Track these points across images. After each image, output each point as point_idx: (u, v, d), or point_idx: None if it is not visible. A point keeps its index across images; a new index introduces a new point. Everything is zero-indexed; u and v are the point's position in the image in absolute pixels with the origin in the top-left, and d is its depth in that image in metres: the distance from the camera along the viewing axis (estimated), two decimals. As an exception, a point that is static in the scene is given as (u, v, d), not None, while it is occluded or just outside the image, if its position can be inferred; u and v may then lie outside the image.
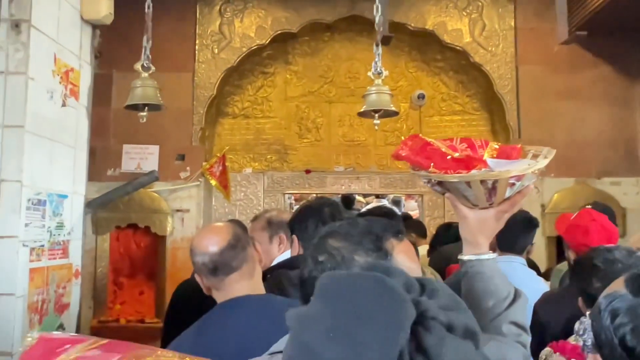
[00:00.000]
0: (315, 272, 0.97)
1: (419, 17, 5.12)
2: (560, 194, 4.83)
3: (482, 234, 1.22)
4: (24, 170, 2.09)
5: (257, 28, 5.15)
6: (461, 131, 5.44)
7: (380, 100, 2.72)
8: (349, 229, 1.01)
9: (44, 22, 2.21)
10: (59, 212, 2.32)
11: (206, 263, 1.55)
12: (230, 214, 5.39)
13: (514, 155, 1.25)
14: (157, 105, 2.47)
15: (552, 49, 4.98)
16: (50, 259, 2.26)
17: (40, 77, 2.19)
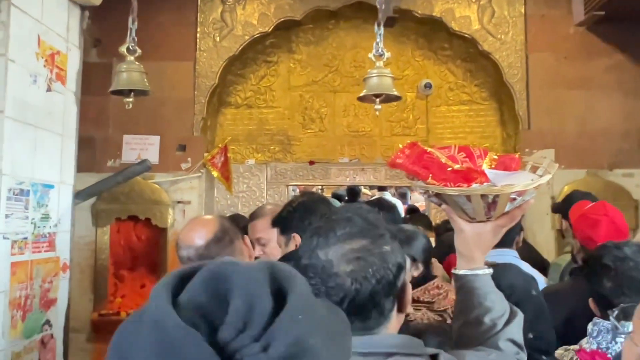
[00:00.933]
0: None
1: (426, 3, 4.96)
2: (571, 186, 4.67)
3: (479, 248, 1.17)
4: (4, 158, 1.98)
5: (259, 15, 5.03)
6: (469, 121, 5.30)
7: (381, 84, 2.57)
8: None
9: (26, 1, 2.09)
10: (44, 202, 2.21)
11: (192, 257, 1.51)
12: (233, 205, 5.29)
13: (513, 166, 1.20)
14: (143, 91, 2.34)
15: (563, 36, 4.82)
16: (34, 252, 2.16)
17: (21, 59, 2.08)
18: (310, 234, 1.01)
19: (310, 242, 0.99)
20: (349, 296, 0.92)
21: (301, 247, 1.02)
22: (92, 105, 4.65)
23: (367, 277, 0.93)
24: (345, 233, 0.97)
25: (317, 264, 0.95)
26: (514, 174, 1.16)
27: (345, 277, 0.93)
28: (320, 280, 0.94)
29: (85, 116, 4.79)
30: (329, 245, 0.96)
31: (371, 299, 0.93)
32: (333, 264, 0.94)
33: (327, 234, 0.98)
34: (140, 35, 4.79)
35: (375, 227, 1.00)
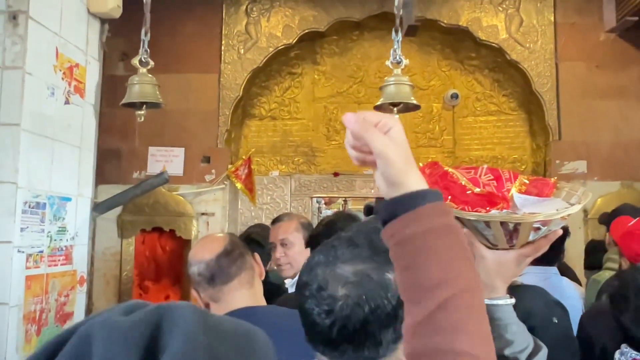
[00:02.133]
0: None
1: (452, 13, 4.88)
2: (605, 199, 4.51)
3: (500, 277, 1.09)
4: (20, 171, 1.98)
5: (284, 27, 5.02)
6: (497, 132, 5.18)
7: (399, 92, 2.49)
8: None
9: (44, 14, 2.10)
10: (60, 215, 2.20)
11: (202, 272, 1.47)
12: (257, 217, 5.27)
13: (546, 191, 1.12)
14: (156, 104, 2.32)
15: (594, 44, 4.68)
16: (50, 265, 2.15)
17: (39, 72, 2.08)
18: (316, 251, 0.97)
19: (311, 259, 0.94)
20: (339, 322, 0.87)
21: (304, 264, 0.97)
22: (119, 117, 4.71)
23: (359, 304, 0.87)
24: (347, 254, 0.91)
25: (313, 283, 0.90)
26: (544, 200, 1.09)
27: (337, 301, 0.87)
28: (314, 301, 0.89)
29: (111, 128, 4.89)
30: (328, 264, 0.91)
31: (363, 328, 0.87)
32: (328, 284, 0.89)
33: (328, 252, 0.93)
34: (165, 47, 4.87)
35: (382, 252, 0.92)
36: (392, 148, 0.77)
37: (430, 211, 0.75)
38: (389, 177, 0.78)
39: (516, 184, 1.15)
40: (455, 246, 0.75)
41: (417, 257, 0.74)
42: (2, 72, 1.97)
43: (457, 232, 0.77)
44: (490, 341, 0.74)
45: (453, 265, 0.74)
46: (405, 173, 0.77)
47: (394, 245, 0.76)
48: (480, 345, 0.71)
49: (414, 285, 0.74)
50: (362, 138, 0.79)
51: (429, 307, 0.71)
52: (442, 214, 0.77)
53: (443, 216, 0.76)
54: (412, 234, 0.74)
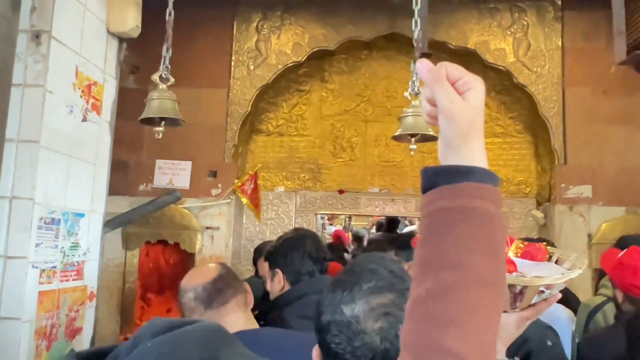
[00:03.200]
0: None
1: (461, 35, 4.94)
2: (609, 224, 4.52)
3: (501, 339, 1.09)
4: (37, 187, 2.01)
5: (293, 45, 5.08)
6: (502, 154, 5.20)
7: (417, 124, 2.52)
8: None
9: (66, 33, 2.14)
10: (74, 231, 2.23)
11: (199, 295, 1.49)
12: (261, 233, 5.29)
13: (539, 257, 1.17)
14: (175, 120, 2.34)
15: (602, 70, 4.72)
16: (62, 280, 2.16)
17: (59, 90, 2.12)
18: (332, 287, 0.95)
19: (334, 297, 0.93)
20: (378, 356, 0.87)
21: (323, 302, 0.96)
22: (127, 129, 4.74)
23: (397, 335, 0.86)
24: (372, 287, 0.91)
25: (343, 321, 0.89)
26: (539, 264, 1.14)
27: (374, 335, 0.87)
28: (345, 339, 0.88)
29: (119, 140, 4.90)
30: (355, 300, 0.90)
31: None
32: (360, 320, 0.88)
33: (352, 287, 0.92)
34: (176, 62, 4.89)
35: (402, 279, 0.94)
36: (460, 107, 0.69)
37: (472, 191, 0.67)
38: (447, 138, 0.70)
39: (512, 248, 1.19)
40: (483, 236, 0.65)
41: (438, 233, 0.66)
42: (23, 89, 2.00)
43: (493, 223, 0.67)
44: (490, 352, 0.63)
45: (472, 254, 0.64)
46: (466, 138, 0.69)
47: (424, 216, 0.69)
48: (474, 350, 0.60)
49: (424, 261, 0.66)
50: (431, 89, 0.71)
51: (429, 288, 0.63)
52: (485, 197, 0.67)
53: (484, 200, 0.67)
54: (442, 207, 0.67)
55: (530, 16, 4.92)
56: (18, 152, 1.96)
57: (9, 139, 1.93)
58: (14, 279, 1.94)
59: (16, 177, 1.95)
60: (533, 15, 4.92)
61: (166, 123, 2.40)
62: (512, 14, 4.93)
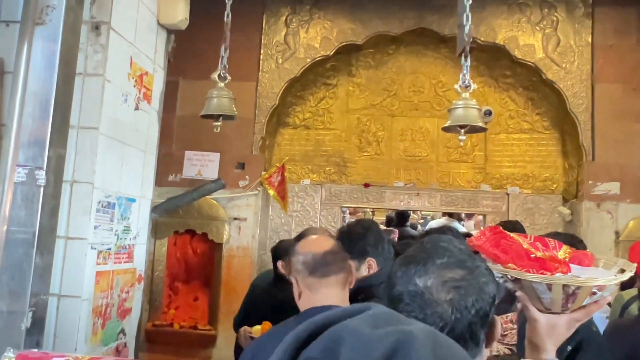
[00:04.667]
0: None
1: (489, 31, 4.95)
2: (637, 222, 4.52)
3: (552, 340, 1.14)
4: (96, 172, 2.09)
5: (322, 39, 5.12)
6: (529, 150, 5.21)
7: (467, 115, 2.58)
8: None
9: (122, 25, 2.21)
10: (126, 215, 2.31)
11: (308, 261, 1.62)
12: (286, 224, 5.35)
13: (586, 262, 1.21)
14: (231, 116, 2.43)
15: (632, 67, 4.71)
16: (116, 262, 2.25)
17: (116, 79, 2.19)
18: (405, 262, 1.01)
19: (407, 270, 0.98)
20: (449, 325, 0.92)
21: (396, 274, 1.01)
22: (159, 121, 4.84)
23: (467, 307, 0.93)
24: (444, 263, 0.97)
25: (416, 291, 0.95)
26: (588, 269, 1.17)
27: (445, 306, 0.93)
28: (417, 307, 0.94)
29: (150, 131, 5.02)
30: (428, 273, 0.96)
31: (469, 329, 0.93)
32: (432, 291, 0.94)
33: (426, 262, 0.98)
34: (207, 55, 4.99)
35: (472, 258, 1.00)
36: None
37: None
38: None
39: (561, 253, 1.23)
40: None
41: None
42: (83, 78, 2.08)
43: None
44: None
45: None
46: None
47: None
48: None
49: None
50: None
51: None
52: None
53: None
54: None
55: (560, 12, 4.92)
56: (79, 138, 2.05)
57: (71, 125, 2.01)
58: (74, 259, 2.02)
59: (77, 163, 2.04)
60: (563, 11, 4.92)
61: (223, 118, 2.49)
62: (541, 9, 4.93)
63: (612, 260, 1.24)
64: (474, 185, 5.27)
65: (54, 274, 1.94)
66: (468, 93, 2.59)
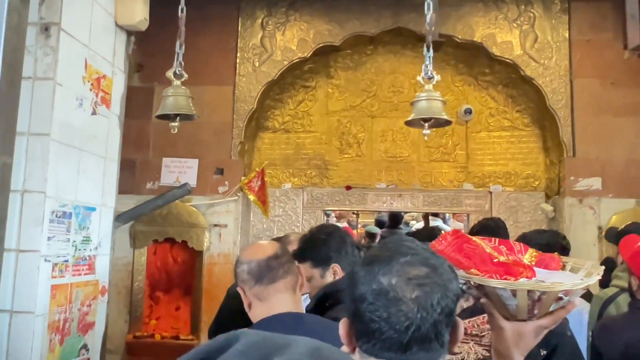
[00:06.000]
0: None
1: (467, 29, 4.91)
2: (620, 216, 4.49)
3: (518, 348, 1.11)
4: (49, 180, 1.99)
5: (299, 41, 5.06)
6: (510, 148, 5.17)
7: (430, 108, 2.48)
8: None
9: (75, 26, 2.13)
10: (85, 225, 2.21)
11: (252, 269, 1.57)
12: (269, 230, 5.27)
13: (553, 265, 1.17)
14: (189, 116, 2.34)
15: (609, 61, 4.69)
16: (74, 275, 2.15)
17: (69, 83, 2.11)
18: (368, 261, 0.97)
19: (371, 269, 0.95)
20: (414, 324, 0.89)
21: (359, 274, 0.96)
22: (133, 128, 4.74)
23: (432, 305, 0.90)
24: (408, 261, 0.94)
25: (380, 289, 0.91)
26: (554, 273, 1.14)
27: (411, 304, 0.89)
28: (381, 306, 0.90)
29: (126, 139, 4.86)
30: (392, 271, 0.93)
31: (434, 328, 0.90)
32: (397, 289, 0.91)
33: (390, 260, 0.94)
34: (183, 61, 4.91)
35: (435, 256, 0.98)
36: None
37: None
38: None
39: (526, 256, 1.19)
40: None
41: None
42: (33, 82, 1.99)
43: None
44: None
45: None
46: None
47: None
48: None
49: None
50: None
51: None
52: None
53: None
54: None
55: (536, 8, 4.89)
56: (29, 145, 1.95)
57: (20, 132, 1.92)
58: (26, 272, 1.93)
59: (27, 171, 1.95)
60: (539, 8, 4.89)
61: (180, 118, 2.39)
62: (518, 6, 4.91)
63: (580, 263, 1.21)
64: (457, 185, 5.22)
65: (4, 289, 1.85)
66: (431, 85, 2.51)
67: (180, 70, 2.35)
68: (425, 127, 2.55)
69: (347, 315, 0.97)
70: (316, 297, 1.94)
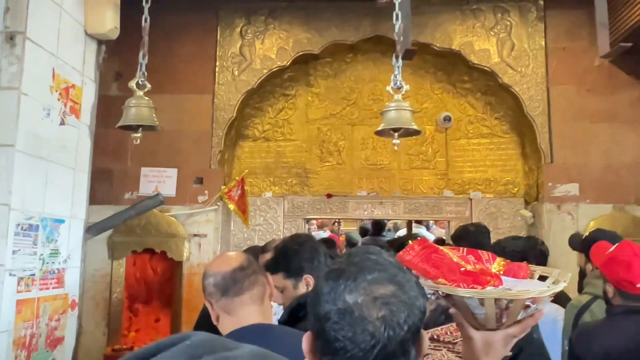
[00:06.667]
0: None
1: (445, 37, 4.94)
2: (597, 221, 4.52)
3: (488, 358, 1.10)
4: (13, 192, 1.95)
5: (278, 49, 5.05)
6: (489, 155, 5.20)
7: (400, 118, 2.48)
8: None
9: (42, 34, 2.09)
10: (53, 237, 2.16)
11: (218, 282, 1.54)
12: (249, 239, 5.23)
13: (521, 274, 1.17)
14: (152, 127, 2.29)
15: (585, 69, 4.74)
16: (42, 289, 2.10)
17: (35, 93, 2.06)
18: (333, 276, 0.94)
19: (336, 286, 0.92)
20: (381, 343, 0.86)
21: (323, 290, 0.93)
22: (111, 137, 4.69)
23: (399, 324, 0.87)
24: (375, 277, 0.91)
25: (345, 308, 0.89)
26: (522, 281, 1.14)
27: (377, 323, 0.87)
28: (346, 325, 0.87)
29: (104, 149, 4.85)
30: (358, 289, 0.90)
31: (401, 347, 0.88)
32: (362, 308, 0.88)
33: (357, 277, 0.91)
34: (159, 68, 4.87)
35: (402, 271, 0.95)
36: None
37: None
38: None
39: (494, 265, 1.19)
40: None
41: None
42: (-2, 92, 1.95)
43: None
44: None
45: None
46: None
47: None
48: None
49: None
50: None
51: None
52: None
53: None
54: None
55: (513, 16, 4.94)
56: (-7, 156, 1.91)
57: (-17, 143, 1.88)
58: (-10, 287, 1.88)
59: (-9, 183, 1.90)
60: (516, 16, 4.94)
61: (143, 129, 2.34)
62: (495, 14, 4.95)
63: (548, 271, 1.21)
64: (437, 192, 5.23)
65: (-34, 304, 1.79)
66: (400, 95, 2.51)
67: (144, 81, 2.31)
68: (395, 137, 2.54)
69: (310, 330, 0.95)
70: (289, 308, 1.91)
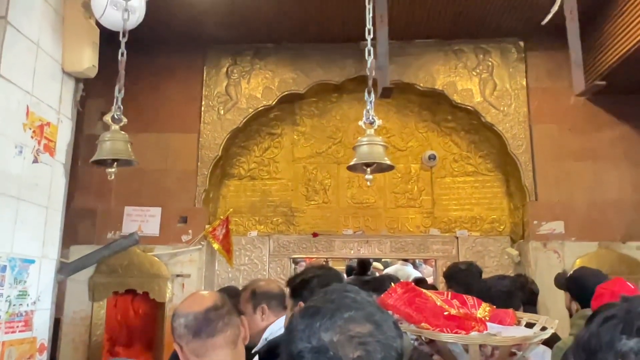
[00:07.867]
0: None
1: (428, 77, 5.02)
2: (583, 259, 4.50)
3: None
4: (-20, 232, 1.90)
5: (263, 89, 5.10)
6: (475, 193, 5.21)
7: (372, 152, 2.47)
8: None
9: (16, 72, 2.08)
10: (22, 278, 2.10)
11: (189, 323, 1.45)
12: (234, 279, 5.15)
13: (507, 320, 1.16)
14: (128, 161, 2.27)
15: (566, 108, 4.80)
16: (7, 332, 2.02)
17: (7, 130, 2.04)
18: (309, 314, 0.92)
19: (312, 323, 0.89)
20: None
21: (297, 327, 0.91)
22: (94, 176, 4.66)
23: None
24: (352, 315, 0.89)
25: (319, 347, 0.86)
26: (509, 328, 1.12)
27: None
28: None
29: (86, 188, 4.81)
30: (334, 327, 0.87)
31: None
32: (338, 347, 0.85)
33: (333, 314, 0.89)
34: (146, 107, 4.89)
35: (380, 311, 0.93)
36: None
37: None
38: None
39: (480, 311, 1.16)
40: None
41: None
42: (-33, 130, 1.93)
43: None
44: None
45: None
46: None
47: None
48: None
49: None
50: None
51: None
52: None
53: None
54: None
55: (494, 57, 5.04)
56: (-40, 195, 1.87)
57: (-49, 181, 1.84)
58: (-49, 330, 1.80)
59: (-43, 222, 1.85)
60: (497, 57, 5.04)
61: (119, 164, 2.31)
62: (476, 55, 5.04)
63: (535, 318, 1.18)
64: (423, 230, 5.21)
65: None
66: (373, 130, 2.51)
67: (119, 115, 2.30)
68: (367, 172, 2.52)
69: None
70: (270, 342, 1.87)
